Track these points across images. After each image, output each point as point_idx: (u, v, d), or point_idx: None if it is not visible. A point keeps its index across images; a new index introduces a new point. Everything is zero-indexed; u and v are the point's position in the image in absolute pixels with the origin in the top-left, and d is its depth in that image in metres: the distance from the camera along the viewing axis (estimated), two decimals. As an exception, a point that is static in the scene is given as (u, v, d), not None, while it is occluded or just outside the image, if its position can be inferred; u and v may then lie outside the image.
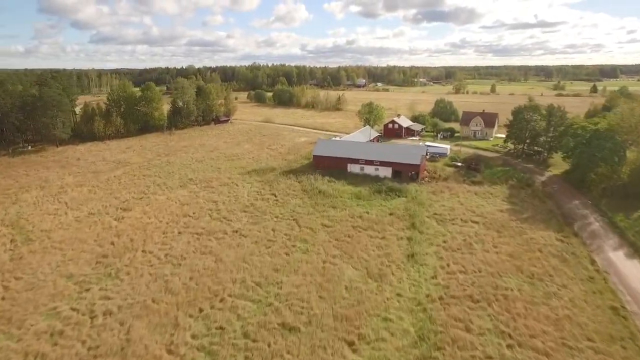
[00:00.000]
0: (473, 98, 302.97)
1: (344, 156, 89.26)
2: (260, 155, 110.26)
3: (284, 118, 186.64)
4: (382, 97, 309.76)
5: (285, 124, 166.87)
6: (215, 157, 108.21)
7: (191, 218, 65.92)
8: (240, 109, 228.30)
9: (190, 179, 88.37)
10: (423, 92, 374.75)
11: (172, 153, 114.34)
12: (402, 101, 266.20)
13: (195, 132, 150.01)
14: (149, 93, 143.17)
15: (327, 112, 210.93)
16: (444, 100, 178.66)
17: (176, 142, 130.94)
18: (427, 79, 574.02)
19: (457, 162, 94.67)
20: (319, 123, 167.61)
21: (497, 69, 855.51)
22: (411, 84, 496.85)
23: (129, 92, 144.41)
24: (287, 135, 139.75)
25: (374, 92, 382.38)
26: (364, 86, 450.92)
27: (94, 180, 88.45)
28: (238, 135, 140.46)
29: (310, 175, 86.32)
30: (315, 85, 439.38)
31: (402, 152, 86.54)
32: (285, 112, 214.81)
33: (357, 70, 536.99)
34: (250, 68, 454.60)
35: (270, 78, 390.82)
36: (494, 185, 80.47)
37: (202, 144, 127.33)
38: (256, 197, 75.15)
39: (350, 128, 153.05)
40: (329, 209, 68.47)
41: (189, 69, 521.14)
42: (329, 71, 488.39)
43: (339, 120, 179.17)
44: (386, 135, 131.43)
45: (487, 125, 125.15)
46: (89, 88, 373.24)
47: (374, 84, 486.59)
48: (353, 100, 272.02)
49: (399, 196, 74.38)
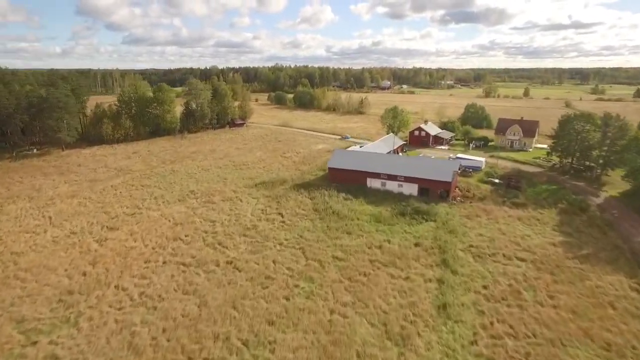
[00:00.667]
0: (505, 102, 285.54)
1: (363, 169, 78.54)
2: (272, 164, 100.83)
3: (303, 122, 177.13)
4: (407, 100, 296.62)
5: (304, 128, 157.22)
6: (224, 166, 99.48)
7: (182, 242, 56.78)
8: (259, 111, 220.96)
9: (192, 191, 79.68)
10: (451, 95, 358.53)
11: (178, 160, 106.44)
12: (429, 105, 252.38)
13: (208, 136, 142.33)
14: (160, 95, 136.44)
15: (348, 116, 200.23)
16: (475, 105, 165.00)
17: (186, 147, 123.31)
18: (454, 81, 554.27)
19: (494, 178, 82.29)
20: (339, 128, 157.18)
21: (529, 72, 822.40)
22: (438, 86, 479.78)
23: (141, 93, 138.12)
24: (303, 141, 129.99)
25: (398, 94, 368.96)
26: (389, 88, 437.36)
27: (88, 190, 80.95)
28: (252, 141, 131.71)
29: (324, 190, 76.15)
30: (338, 87, 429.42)
31: (431, 167, 75.07)
32: (305, 115, 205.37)
33: (381, 72, 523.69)
34: (273, 69, 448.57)
35: (292, 79, 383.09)
36: (540, 208, 68.03)
37: (213, 149, 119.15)
38: (260, 217, 65.47)
39: (372, 134, 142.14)
40: (342, 235, 58.03)
41: (212, 70, 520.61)
42: (352, 73, 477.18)
43: (361, 124, 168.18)
44: (412, 144, 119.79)
45: (526, 134, 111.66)
46: (113, 88, 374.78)
47: (399, 86, 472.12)
48: (376, 103, 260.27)
49: (427, 220, 63.19)
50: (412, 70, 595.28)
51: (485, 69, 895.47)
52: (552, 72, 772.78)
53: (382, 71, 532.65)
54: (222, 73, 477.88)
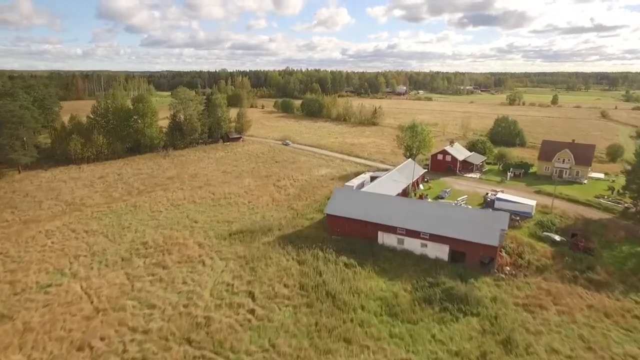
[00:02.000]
0: (532, 111, 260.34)
1: (373, 220, 57.86)
2: (260, 198, 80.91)
3: (308, 135, 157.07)
4: (425, 107, 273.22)
5: (307, 144, 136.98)
6: (200, 200, 79.97)
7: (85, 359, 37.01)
8: (262, 120, 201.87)
9: (145, 243, 60.22)
10: (471, 102, 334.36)
11: (149, 189, 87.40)
12: (449, 114, 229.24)
13: (195, 153, 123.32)
14: (140, 105, 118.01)
15: (360, 128, 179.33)
16: (506, 119, 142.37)
17: (165, 169, 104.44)
18: (473, 86, 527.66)
19: (552, 231, 60.59)
20: (347, 144, 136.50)
21: (552, 76, 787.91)
22: (457, 92, 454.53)
23: (118, 103, 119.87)
24: (304, 163, 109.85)
25: (415, 101, 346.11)
26: (405, 94, 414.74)
27: (7, 242, 61.96)
28: (244, 161, 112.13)
29: (319, 248, 55.89)
30: (351, 92, 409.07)
31: (468, 221, 53.88)
32: (312, 126, 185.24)
33: (397, 76, 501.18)
34: (283, 73, 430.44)
35: (302, 84, 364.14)
36: (633, 291, 46.40)
37: (195, 174, 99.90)
38: (222, 299, 45.33)
39: (386, 153, 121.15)
40: (337, 347, 37.54)
41: (221, 73, 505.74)
42: (366, 77, 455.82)
43: (374, 140, 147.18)
44: (434, 169, 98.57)
45: (579, 161, 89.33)
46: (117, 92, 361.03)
47: (416, 92, 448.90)
48: (391, 111, 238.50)
49: (465, 313, 42.30)
50: (428, 75, 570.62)
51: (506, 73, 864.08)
52: (576, 76, 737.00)
53: (398, 75, 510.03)
54: (232, 77, 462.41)
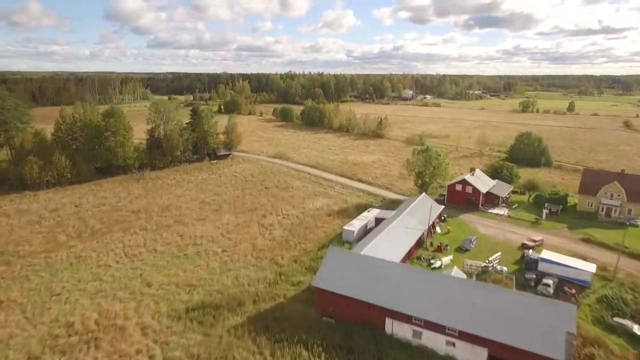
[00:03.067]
0: (548, 120, 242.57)
1: (378, 303, 41.80)
2: (238, 245, 65.14)
3: (306, 151, 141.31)
4: (434, 115, 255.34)
5: (304, 164, 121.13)
6: (162, 247, 64.37)
7: None
8: (258, 131, 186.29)
9: (70, 324, 44.62)
10: (482, 108, 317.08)
11: (105, 229, 71.94)
12: (461, 124, 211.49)
13: (175, 175, 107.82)
14: (112, 121, 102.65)
15: (364, 141, 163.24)
16: (529, 135, 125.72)
17: (133, 198, 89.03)
18: (482, 91, 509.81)
19: (626, 316, 44.16)
20: (349, 163, 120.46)
21: (562, 79, 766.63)
22: (465, 97, 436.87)
23: (87, 118, 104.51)
24: (298, 190, 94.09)
25: (422, 107, 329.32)
26: (411, 99, 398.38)
27: None
28: (228, 188, 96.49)
29: (303, 340, 40.09)
30: (355, 97, 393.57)
31: (517, 314, 37.55)
32: (311, 138, 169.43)
33: (403, 80, 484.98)
34: (284, 77, 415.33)
35: (304, 89, 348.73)
36: None
37: (167, 205, 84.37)
38: None
39: (394, 177, 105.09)
40: None
41: (221, 76, 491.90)
42: (371, 81, 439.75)
43: (379, 158, 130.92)
44: (451, 202, 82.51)
45: (632, 198, 72.84)
46: (111, 96, 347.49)
47: (422, 97, 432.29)
48: (398, 120, 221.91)
49: None
50: (435, 78, 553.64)
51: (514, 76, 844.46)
52: (586, 80, 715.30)
53: (404, 79, 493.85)
54: (232, 80, 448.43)
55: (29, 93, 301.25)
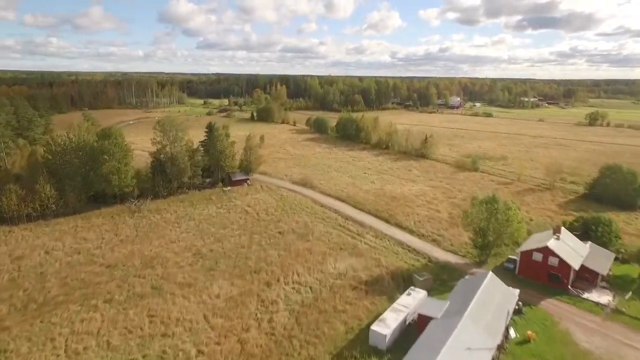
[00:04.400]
0: (624, 137, 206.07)
1: None
2: (221, 343, 46.18)
3: (337, 174, 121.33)
4: (486, 128, 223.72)
5: (333, 195, 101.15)
6: (119, 341, 46.74)
7: None
8: (287, 145, 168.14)
9: None
10: (540, 120, 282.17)
11: (58, 300, 55.40)
12: (519, 140, 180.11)
13: (178, 208, 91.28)
14: (107, 143, 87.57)
15: (405, 162, 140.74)
16: (620, 169, 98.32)
17: (117, 242, 72.89)
18: (538, 98, 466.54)
19: None
20: (387, 196, 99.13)
21: (631, 85, 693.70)
22: (519, 105, 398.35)
23: (81, 139, 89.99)
24: (319, 239, 74.28)
25: (472, 117, 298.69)
26: (459, 107, 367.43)
27: None
28: (233, 231, 78.32)
29: None
30: (398, 104, 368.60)
31: None
32: (345, 156, 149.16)
33: (449, 85, 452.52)
34: (322, 82, 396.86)
35: (343, 95, 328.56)
36: None
37: (153, 256, 67.49)
38: None
39: (443, 222, 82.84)
40: None
41: (259, 79, 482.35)
42: (415, 87, 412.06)
43: (422, 188, 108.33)
44: (525, 274, 59.73)
45: None
46: (148, 99, 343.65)
47: (471, 104, 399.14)
48: (444, 134, 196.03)
49: None
50: (486, 84, 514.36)
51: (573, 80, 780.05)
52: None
53: (451, 85, 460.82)
54: (270, 83, 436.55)
55: (67, 97, 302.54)
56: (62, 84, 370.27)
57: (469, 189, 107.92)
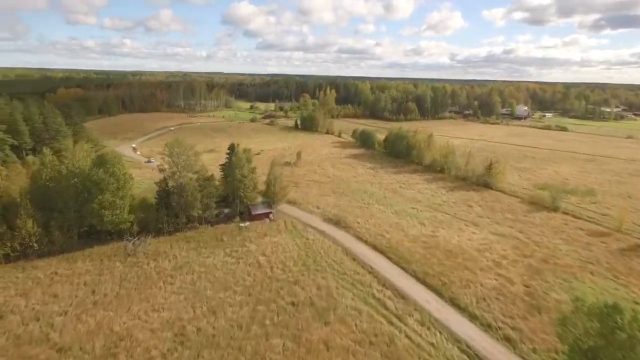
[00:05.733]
0: None
1: None
2: None
3: (379, 209, 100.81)
4: (562, 146, 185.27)
5: (370, 243, 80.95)
6: None
7: None
8: (325, 163, 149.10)
9: None
10: (629, 136, 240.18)
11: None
12: (607, 166, 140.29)
13: (179, 252, 75.63)
14: (100, 173, 73.64)
15: (464, 193, 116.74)
16: None
17: (88, 306, 58.04)
18: (622, 108, 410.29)
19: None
20: (440, 248, 77.09)
21: None
22: (599, 116, 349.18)
23: (77, 165, 77.04)
24: (344, 322, 54.63)
25: (543, 130, 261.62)
26: (526, 118, 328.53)
27: None
28: (234, 298, 60.61)
29: None
30: (456, 113, 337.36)
31: None
32: (392, 181, 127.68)
33: (515, 92, 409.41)
34: (373, 88, 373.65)
35: (396, 103, 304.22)
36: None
37: (121, 337, 51.55)
38: None
39: (516, 296, 59.94)
40: None
41: (308, 81, 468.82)
42: (476, 93, 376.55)
43: (489, 236, 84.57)
44: None
45: None
46: (195, 103, 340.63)
47: (541, 114, 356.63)
48: (512, 154, 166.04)
49: None
50: (558, 91, 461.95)
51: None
52: None
53: (517, 92, 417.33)
54: (319, 87, 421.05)
55: (119, 99, 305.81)
56: (119, 86, 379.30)
57: (550, 242, 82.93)
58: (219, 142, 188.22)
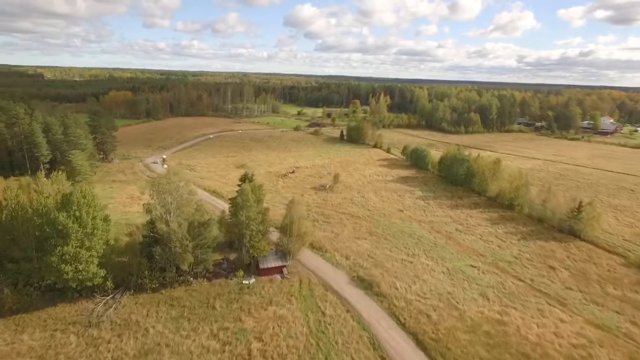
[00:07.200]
0: None
1: None
2: None
3: (427, 265, 77.40)
4: None
5: (409, 327, 58.50)
6: None
7: None
8: (367, 188, 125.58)
9: None
10: None
11: None
12: None
13: (155, 321, 58.16)
14: (61, 218, 57.69)
15: (542, 245, 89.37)
16: None
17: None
18: None
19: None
20: (509, 337, 52.62)
21: None
22: None
23: (42, 202, 62.29)
24: None
25: (637, 150, 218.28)
26: (613, 132, 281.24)
27: None
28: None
29: None
30: (526, 125, 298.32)
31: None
32: (446, 219, 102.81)
33: (598, 102, 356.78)
34: (430, 95, 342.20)
35: (456, 113, 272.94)
36: None
37: None
38: None
39: None
40: None
41: (362, 87, 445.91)
42: (551, 103, 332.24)
43: (584, 328, 58.23)
44: None
45: None
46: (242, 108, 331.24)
47: (632, 129, 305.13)
48: (603, 186, 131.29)
49: None
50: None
51: None
52: None
53: (600, 101, 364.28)
54: (373, 92, 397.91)
55: (166, 103, 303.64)
56: (172, 88, 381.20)
57: (685, 349, 55.09)
58: (254, 156, 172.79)
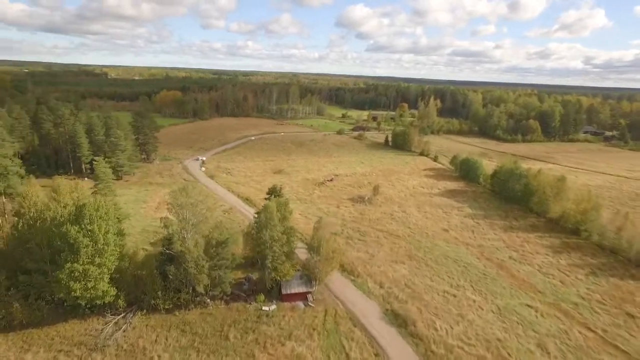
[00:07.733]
0: None
1: None
2: None
3: (474, 301, 66.96)
4: None
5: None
6: None
7: None
8: (409, 202, 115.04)
9: None
10: None
11: None
12: None
13: (163, 347, 53.32)
14: (73, 232, 54.12)
15: (616, 284, 75.33)
16: None
17: None
18: None
19: None
20: None
21: None
22: None
23: (58, 214, 59.31)
24: None
25: None
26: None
27: None
28: None
29: None
30: (593, 134, 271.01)
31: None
32: (499, 244, 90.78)
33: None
34: (486, 99, 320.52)
35: (512, 120, 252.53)
36: None
37: None
38: None
39: None
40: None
41: (411, 89, 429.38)
42: (623, 110, 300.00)
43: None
44: None
45: None
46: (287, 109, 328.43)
47: None
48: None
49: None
50: None
51: None
52: None
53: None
54: (422, 95, 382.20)
55: (213, 103, 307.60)
56: (221, 88, 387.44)
57: None
58: (293, 160, 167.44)
